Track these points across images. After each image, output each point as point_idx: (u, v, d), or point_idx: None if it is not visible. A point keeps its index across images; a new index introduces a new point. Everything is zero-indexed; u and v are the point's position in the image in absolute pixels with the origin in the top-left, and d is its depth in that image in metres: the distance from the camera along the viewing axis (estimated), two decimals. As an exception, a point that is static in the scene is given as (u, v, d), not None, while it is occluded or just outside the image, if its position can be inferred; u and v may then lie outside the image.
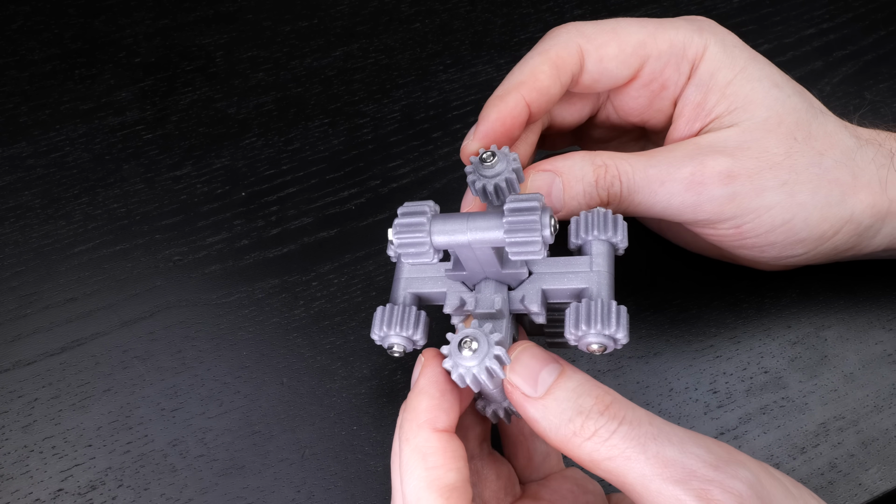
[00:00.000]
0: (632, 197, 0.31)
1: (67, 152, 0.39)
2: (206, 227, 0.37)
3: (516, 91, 0.31)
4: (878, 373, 0.35)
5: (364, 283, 0.36)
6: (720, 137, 0.31)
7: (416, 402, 0.26)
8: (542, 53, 0.31)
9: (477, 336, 0.26)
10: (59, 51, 0.42)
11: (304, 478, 0.32)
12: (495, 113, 0.30)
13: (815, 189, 0.31)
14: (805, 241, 0.32)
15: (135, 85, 0.41)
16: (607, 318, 0.26)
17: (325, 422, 0.33)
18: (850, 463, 0.33)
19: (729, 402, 0.34)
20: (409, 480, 0.25)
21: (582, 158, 0.31)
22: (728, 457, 0.24)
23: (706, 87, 0.32)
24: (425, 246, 0.26)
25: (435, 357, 0.27)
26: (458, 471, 0.25)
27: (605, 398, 0.25)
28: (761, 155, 0.31)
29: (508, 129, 0.30)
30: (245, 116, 0.40)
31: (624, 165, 0.31)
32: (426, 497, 0.24)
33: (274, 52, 0.43)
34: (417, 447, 0.25)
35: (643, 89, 0.33)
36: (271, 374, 0.34)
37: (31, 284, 0.35)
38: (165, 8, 0.44)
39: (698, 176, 0.30)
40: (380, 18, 0.44)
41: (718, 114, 0.32)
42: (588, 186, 0.31)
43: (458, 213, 0.27)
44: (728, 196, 0.30)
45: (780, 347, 0.35)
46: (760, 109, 0.32)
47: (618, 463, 0.24)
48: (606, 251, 0.29)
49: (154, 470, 0.32)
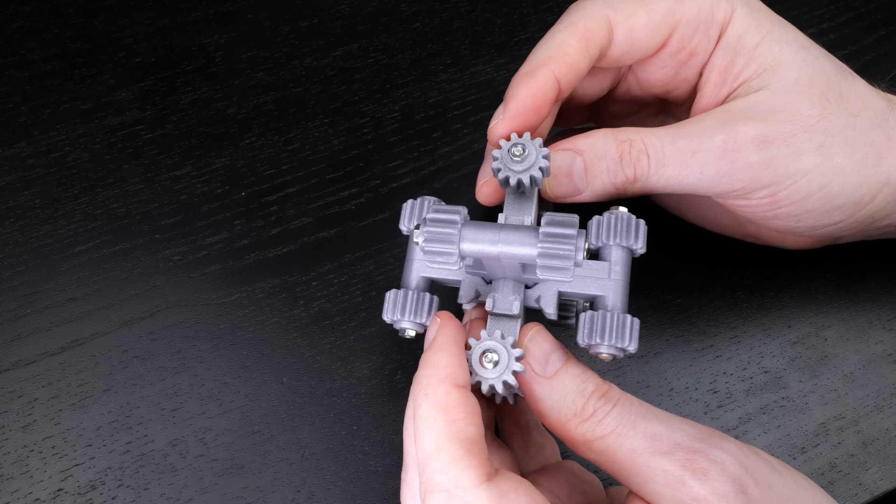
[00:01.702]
0: (661, 171, 0.29)
1: (67, 152, 0.39)
2: (206, 227, 0.37)
3: (546, 66, 0.29)
4: (879, 373, 0.35)
5: (364, 283, 0.36)
6: (750, 102, 0.30)
7: (436, 357, 0.26)
8: (570, 26, 0.30)
9: (497, 350, 0.26)
10: (59, 51, 0.42)
11: (304, 478, 0.32)
12: (525, 90, 0.29)
13: (851, 151, 0.30)
14: (842, 208, 0.31)
15: (135, 85, 0.41)
16: (621, 331, 0.26)
17: (325, 422, 0.33)
18: (850, 463, 0.33)
19: (729, 402, 0.34)
20: (427, 433, 0.24)
21: (604, 135, 0.30)
22: (713, 433, 0.25)
23: (733, 51, 0.31)
24: (454, 256, 0.26)
25: (451, 318, 0.27)
26: (477, 426, 0.25)
27: (603, 386, 0.26)
28: (795, 118, 0.29)
29: (539, 108, 0.29)
30: (245, 116, 0.40)
31: (651, 139, 0.29)
32: (447, 448, 0.24)
33: (274, 52, 0.43)
34: (438, 401, 0.25)
35: (671, 59, 0.32)
36: (271, 374, 0.34)
37: (31, 284, 0.35)
38: (165, 8, 0.44)
39: (731, 143, 0.29)
40: (380, 18, 0.44)
41: (746, 77, 0.31)
42: (612, 163, 0.29)
43: (489, 224, 0.26)
44: (764, 162, 0.29)
45: (780, 347, 0.35)
46: (790, 71, 0.30)
47: (609, 440, 0.25)
48: (625, 258, 0.28)
49: (154, 470, 0.32)
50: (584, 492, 0.29)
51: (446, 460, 0.24)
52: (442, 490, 0.24)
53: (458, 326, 0.27)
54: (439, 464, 0.24)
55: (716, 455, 0.24)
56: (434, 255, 0.26)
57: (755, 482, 0.24)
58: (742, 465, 0.24)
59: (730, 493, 0.23)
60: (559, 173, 0.30)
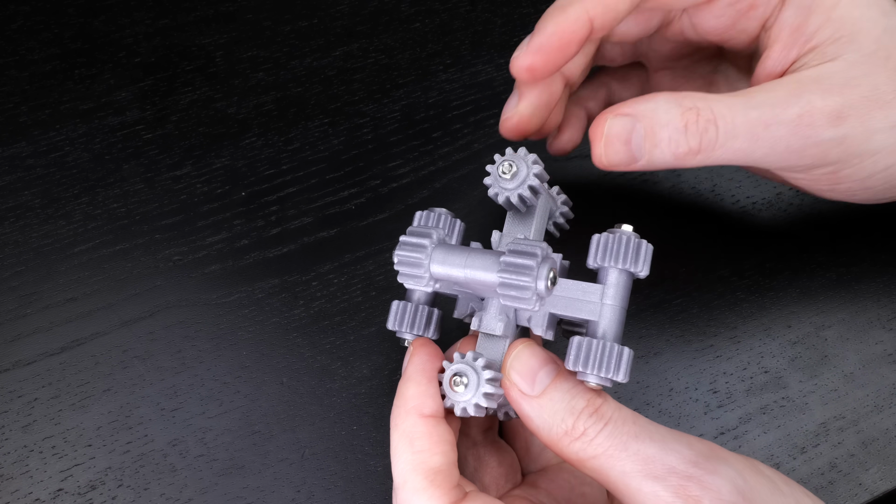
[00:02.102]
0: (730, 143, 0.27)
1: (67, 152, 0.39)
2: (205, 227, 0.37)
3: (580, 3, 0.27)
4: (879, 373, 0.35)
5: (364, 283, 0.36)
6: (825, 72, 0.28)
7: (404, 388, 0.26)
8: None
9: (465, 372, 0.26)
10: (58, 51, 0.42)
11: (304, 478, 0.32)
12: (553, 26, 0.28)
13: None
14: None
15: (135, 85, 0.41)
16: (608, 361, 0.25)
17: (325, 422, 0.33)
18: (850, 463, 0.33)
19: (729, 402, 0.34)
20: (396, 463, 0.25)
21: (667, 100, 0.27)
22: (710, 453, 0.24)
23: (808, 9, 0.28)
24: (423, 279, 0.27)
25: (423, 346, 0.28)
26: (443, 454, 0.25)
27: (595, 401, 0.25)
28: (872, 93, 0.28)
29: (565, 46, 0.28)
30: (245, 116, 0.41)
31: (720, 107, 0.27)
32: (412, 479, 0.25)
33: (274, 52, 0.43)
34: (405, 432, 0.26)
35: (729, 7, 0.30)
36: (271, 374, 0.34)
37: (31, 284, 0.35)
38: (165, 8, 0.44)
39: (807, 118, 0.27)
40: (380, 18, 0.44)
41: (820, 41, 0.28)
42: (676, 132, 0.27)
43: (460, 248, 0.27)
44: (838, 139, 0.27)
45: (780, 347, 0.35)
46: (868, 41, 0.28)
47: (601, 461, 0.24)
48: (622, 282, 0.26)
49: (154, 470, 0.32)
50: (583, 494, 0.29)
51: (411, 490, 0.25)
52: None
53: (431, 354, 0.27)
54: (405, 493, 0.25)
55: (711, 482, 0.23)
56: (406, 278, 0.27)
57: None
58: (740, 492, 0.23)
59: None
60: (617, 140, 0.27)
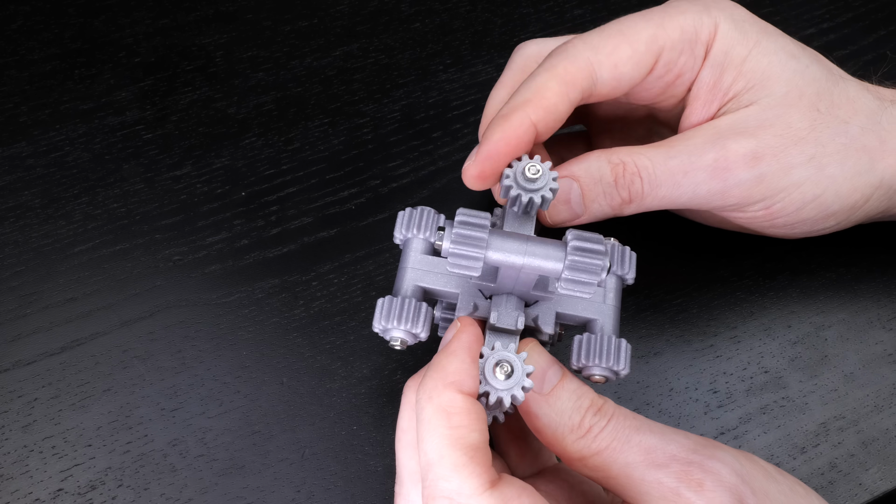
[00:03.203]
0: (655, 192, 0.30)
1: (67, 152, 0.39)
2: (206, 227, 0.37)
3: (522, 110, 0.29)
4: (879, 373, 0.35)
5: (364, 282, 0.36)
6: (740, 118, 0.30)
7: (446, 362, 0.25)
8: (549, 69, 0.30)
9: (511, 361, 0.25)
10: (58, 51, 0.42)
11: (304, 478, 0.32)
12: (499, 133, 0.29)
13: (843, 160, 0.30)
14: (836, 214, 0.31)
15: (135, 85, 0.41)
16: (613, 354, 0.28)
17: (325, 422, 0.33)
18: (850, 463, 0.33)
19: (729, 402, 0.34)
20: (430, 438, 0.24)
21: (597, 158, 0.30)
22: (707, 443, 0.25)
23: (721, 67, 0.31)
24: (479, 261, 0.26)
25: (471, 324, 0.26)
26: (481, 433, 0.24)
27: (598, 401, 0.26)
28: (785, 131, 0.30)
29: (513, 150, 0.29)
30: (245, 116, 0.41)
31: (643, 160, 0.30)
32: (450, 455, 0.23)
33: (274, 51, 0.43)
34: (442, 405, 0.24)
35: (658, 81, 0.32)
36: (271, 374, 0.34)
37: (31, 284, 0.35)
38: (165, 8, 0.44)
39: (722, 161, 0.29)
40: (380, 18, 0.44)
41: (736, 92, 0.31)
42: (608, 188, 0.30)
43: (516, 234, 0.26)
44: (756, 179, 0.29)
45: (780, 347, 0.35)
46: (779, 84, 0.30)
47: (604, 456, 0.25)
48: (617, 286, 0.30)
49: (154, 470, 0.32)
50: (583, 492, 0.29)
51: (449, 467, 0.23)
52: (444, 497, 0.23)
53: (477, 335, 0.26)
54: (442, 470, 0.23)
55: (711, 466, 0.24)
56: (459, 259, 0.26)
57: (752, 491, 0.24)
58: (738, 475, 0.24)
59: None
60: (558, 201, 0.31)
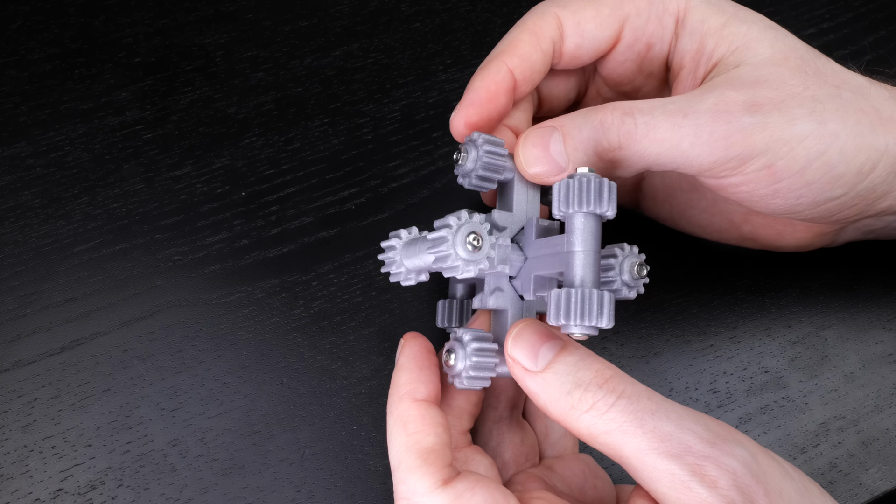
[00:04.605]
0: (651, 133, 0.28)
1: (67, 152, 0.39)
2: (205, 227, 0.37)
3: (498, 59, 0.31)
4: (879, 372, 0.35)
5: (364, 282, 0.36)
6: (732, 76, 0.29)
7: (397, 377, 0.28)
8: (520, 25, 0.32)
9: (453, 346, 0.28)
10: (58, 50, 0.42)
11: (304, 478, 0.32)
12: (479, 81, 0.30)
13: (843, 117, 0.29)
14: (844, 177, 0.29)
15: (135, 85, 0.41)
16: (590, 309, 0.24)
17: (325, 422, 0.33)
18: (850, 463, 0.33)
19: (729, 402, 0.34)
20: (392, 446, 0.27)
21: (584, 110, 0.29)
22: (726, 434, 0.24)
23: (700, 34, 0.31)
24: (402, 273, 0.28)
25: (414, 338, 0.29)
26: (436, 435, 0.27)
27: (604, 372, 0.25)
28: (780, 86, 0.29)
29: (493, 96, 0.30)
30: (245, 116, 0.40)
31: (638, 103, 0.28)
32: (406, 459, 0.26)
33: (274, 51, 0.43)
34: (399, 416, 0.27)
35: (628, 51, 0.32)
36: (271, 374, 0.34)
37: (31, 284, 0.35)
38: (165, 8, 0.44)
39: (723, 105, 0.28)
40: (380, 18, 0.44)
41: (720, 56, 0.31)
42: (593, 131, 0.28)
43: (419, 239, 0.28)
44: (759, 124, 0.28)
45: (780, 347, 0.35)
46: (763, 46, 0.30)
47: (615, 437, 0.24)
48: (587, 226, 0.25)
49: (154, 470, 0.32)
50: (595, 487, 0.30)
51: (405, 470, 0.26)
52: (403, 499, 0.26)
53: (421, 345, 0.29)
54: (400, 474, 0.26)
55: (726, 462, 0.24)
56: (392, 276, 0.29)
57: (765, 491, 0.24)
58: (753, 474, 0.24)
59: (738, 503, 0.23)
60: (533, 147, 0.28)
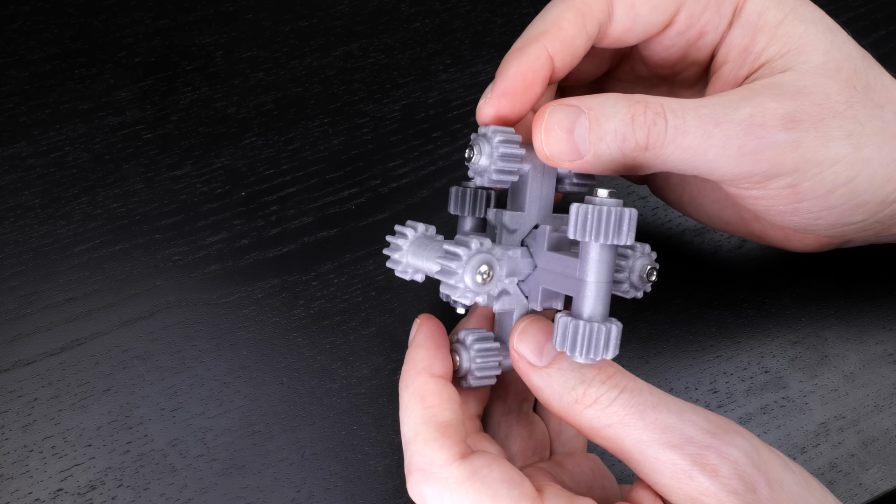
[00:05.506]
0: (679, 139, 0.26)
1: (67, 152, 0.39)
2: (205, 227, 0.37)
3: (538, 42, 0.27)
4: (879, 373, 0.35)
5: (364, 282, 0.36)
6: (777, 81, 0.27)
7: (415, 353, 0.28)
8: (566, 0, 0.28)
9: (456, 348, 0.28)
10: (58, 50, 0.42)
11: (304, 478, 0.32)
12: (515, 67, 0.27)
13: (881, 143, 0.28)
14: (866, 206, 0.28)
15: (135, 85, 0.41)
16: (596, 343, 0.24)
17: (325, 422, 0.33)
18: (850, 463, 0.33)
19: (729, 402, 0.34)
20: (407, 420, 0.26)
21: (616, 96, 0.26)
22: (727, 426, 0.25)
23: (754, 28, 0.28)
24: (401, 265, 0.28)
25: (429, 318, 0.29)
26: (453, 411, 0.26)
27: (607, 369, 0.26)
28: (824, 101, 0.27)
29: (529, 86, 0.27)
30: (245, 116, 0.40)
31: (670, 103, 0.26)
32: (423, 431, 0.26)
33: (274, 51, 0.43)
34: (416, 390, 0.27)
35: (678, 37, 0.29)
36: (271, 374, 0.34)
37: (31, 284, 0.35)
38: (165, 8, 0.44)
39: (759, 118, 0.26)
40: (380, 18, 0.44)
41: (769, 57, 0.28)
42: (622, 124, 0.25)
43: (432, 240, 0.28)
44: (792, 143, 0.26)
45: (780, 347, 0.35)
46: (817, 53, 0.28)
47: (617, 430, 0.25)
48: (603, 257, 0.25)
49: (154, 470, 0.32)
50: (603, 486, 0.30)
51: (422, 442, 0.26)
52: (419, 470, 0.25)
53: (437, 325, 0.29)
54: (416, 446, 0.26)
55: (728, 452, 0.24)
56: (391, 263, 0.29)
57: (766, 481, 0.24)
58: (754, 464, 0.24)
59: (739, 491, 0.23)
60: (558, 127, 0.26)
